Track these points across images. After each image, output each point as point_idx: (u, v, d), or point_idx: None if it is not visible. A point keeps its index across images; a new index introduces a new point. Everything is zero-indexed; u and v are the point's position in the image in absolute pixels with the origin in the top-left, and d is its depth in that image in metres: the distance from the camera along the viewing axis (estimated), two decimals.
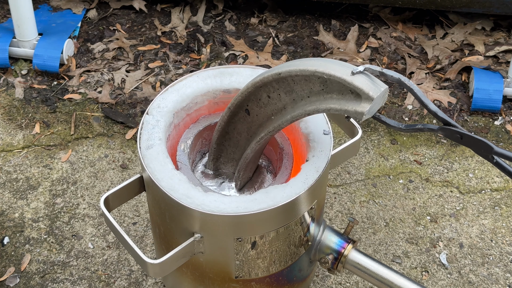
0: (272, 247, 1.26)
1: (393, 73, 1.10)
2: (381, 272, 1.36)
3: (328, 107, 1.12)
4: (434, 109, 1.11)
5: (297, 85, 1.14)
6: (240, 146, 1.29)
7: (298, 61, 1.14)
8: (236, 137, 1.28)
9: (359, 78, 1.08)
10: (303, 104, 1.15)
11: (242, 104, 1.22)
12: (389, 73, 1.10)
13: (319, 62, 1.11)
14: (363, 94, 1.07)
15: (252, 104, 1.21)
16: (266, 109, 1.20)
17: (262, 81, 1.16)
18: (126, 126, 1.94)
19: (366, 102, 1.07)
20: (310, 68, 1.11)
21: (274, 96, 1.18)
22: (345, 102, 1.10)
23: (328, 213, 1.73)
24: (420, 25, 2.23)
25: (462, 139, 1.09)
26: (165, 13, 2.28)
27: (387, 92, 1.10)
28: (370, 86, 1.07)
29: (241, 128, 1.26)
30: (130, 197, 1.32)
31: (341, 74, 1.08)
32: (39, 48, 2.05)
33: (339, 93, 1.11)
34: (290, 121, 1.18)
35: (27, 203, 1.75)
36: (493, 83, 1.95)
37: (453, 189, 1.79)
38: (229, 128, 1.28)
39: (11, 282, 1.60)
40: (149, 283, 1.60)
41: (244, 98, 1.21)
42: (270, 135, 1.22)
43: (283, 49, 2.16)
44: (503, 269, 1.63)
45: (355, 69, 1.08)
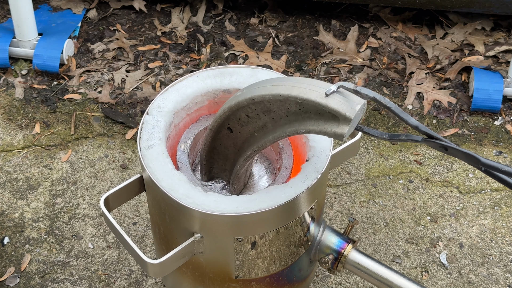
0: (272, 247, 1.26)
1: (367, 91, 1.06)
2: (381, 272, 1.36)
3: (307, 128, 1.10)
4: (415, 124, 1.07)
5: (273, 106, 1.13)
6: (229, 159, 1.29)
7: (271, 83, 1.12)
8: (224, 151, 1.29)
9: (334, 99, 1.05)
10: (283, 124, 1.14)
11: (223, 124, 1.23)
12: (364, 91, 1.06)
13: (291, 84, 1.09)
14: (339, 116, 1.05)
15: (233, 123, 1.21)
16: (248, 127, 1.20)
17: (237, 105, 1.16)
18: (126, 126, 1.94)
19: (344, 124, 1.05)
20: (282, 93, 1.09)
21: (253, 116, 1.17)
22: (323, 123, 1.08)
23: (328, 213, 1.73)
24: (420, 25, 2.23)
25: (447, 150, 1.07)
26: (165, 13, 2.28)
27: (365, 106, 1.07)
28: (346, 106, 1.05)
29: (227, 143, 1.27)
30: (130, 197, 1.32)
31: (315, 97, 1.06)
32: (39, 48, 2.05)
33: (316, 113, 1.09)
34: (272, 141, 1.17)
35: (27, 203, 1.75)
36: (493, 83, 1.95)
37: (453, 189, 1.79)
38: (215, 144, 1.28)
39: (11, 282, 1.60)
40: (149, 283, 1.60)
41: (223, 120, 1.21)
42: (256, 153, 1.22)
43: (283, 49, 2.16)
44: (503, 269, 1.63)
45: (329, 89, 1.06)
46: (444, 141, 1.07)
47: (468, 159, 1.04)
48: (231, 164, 1.30)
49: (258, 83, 1.15)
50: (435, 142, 1.07)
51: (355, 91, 1.07)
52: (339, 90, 1.07)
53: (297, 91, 1.08)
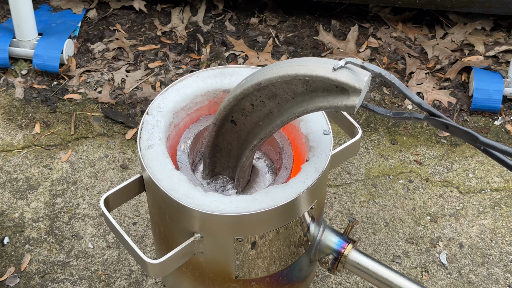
0: (272, 247, 1.26)
1: (373, 67, 1.09)
2: (381, 272, 1.36)
3: (317, 106, 1.11)
4: (418, 101, 1.11)
5: (279, 89, 1.13)
6: (233, 155, 1.29)
7: (276, 66, 1.13)
8: (227, 147, 1.28)
9: (342, 73, 1.07)
10: (290, 106, 1.14)
11: (227, 117, 1.22)
12: (370, 67, 1.09)
13: (297, 64, 1.10)
14: (349, 88, 1.07)
15: (236, 114, 1.21)
16: (252, 117, 1.20)
17: (243, 93, 1.16)
18: (126, 126, 1.94)
19: (355, 95, 1.07)
20: (290, 73, 1.09)
21: (257, 104, 1.17)
22: (333, 98, 1.09)
23: (328, 213, 1.73)
24: (420, 25, 2.23)
25: (448, 128, 1.10)
26: (165, 13, 2.28)
27: (370, 79, 1.10)
28: (355, 78, 1.07)
29: (230, 138, 1.26)
30: (130, 197, 1.32)
31: (323, 73, 1.08)
32: (39, 48, 2.05)
33: (324, 90, 1.10)
34: (281, 126, 1.17)
35: (27, 203, 1.75)
36: (493, 83, 1.95)
37: (453, 189, 1.79)
38: (218, 141, 1.28)
39: (11, 282, 1.60)
40: (149, 283, 1.60)
41: (227, 112, 1.21)
42: (262, 141, 1.21)
43: (283, 49, 2.16)
44: (503, 269, 1.63)
45: (336, 64, 1.08)
46: (445, 119, 1.09)
47: (467, 137, 1.07)
48: (235, 161, 1.30)
49: (261, 69, 1.15)
50: (437, 119, 1.10)
51: (362, 66, 1.09)
52: (346, 66, 1.09)
53: (304, 69, 1.09)
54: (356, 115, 1.96)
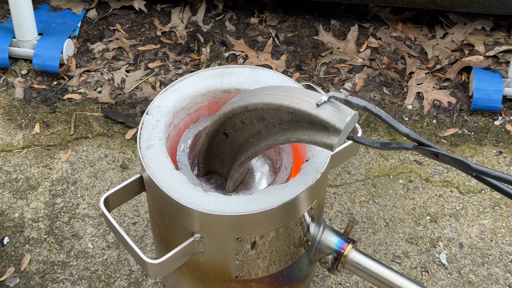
0: (272, 247, 1.26)
1: (358, 101, 1.08)
2: (381, 272, 1.36)
3: (298, 138, 1.12)
4: (405, 132, 1.09)
5: (267, 114, 1.15)
6: (226, 162, 1.31)
7: (264, 91, 1.14)
8: (221, 155, 1.30)
9: (325, 110, 1.07)
10: (276, 131, 1.16)
11: (219, 129, 1.24)
12: (355, 101, 1.08)
13: (283, 94, 1.11)
14: (330, 126, 1.07)
15: (228, 128, 1.23)
16: (243, 133, 1.22)
17: (232, 112, 1.18)
18: (126, 126, 1.94)
19: (334, 135, 1.07)
20: (274, 102, 1.11)
21: (247, 122, 1.19)
22: (315, 132, 1.10)
23: (328, 213, 1.73)
24: (420, 25, 2.23)
25: (438, 157, 1.08)
26: (165, 13, 2.28)
27: (356, 116, 1.09)
28: (336, 117, 1.06)
29: (223, 147, 1.28)
30: (130, 197, 1.32)
31: (306, 108, 1.08)
32: (39, 48, 2.05)
33: (308, 123, 1.11)
34: (266, 148, 1.19)
35: (27, 203, 1.75)
36: (493, 83, 1.95)
37: (453, 189, 1.79)
38: (212, 148, 1.29)
39: (11, 282, 1.60)
40: (149, 283, 1.60)
41: (218, 126, 1.23)
42: (250, 159, 1.23)
43: (283, 49, 2.16)
44: (503, 269, 1.63)
45: (320, 100, 1.07)
46: (434, 148, 1.08)
47: (458, 165, 1.06)
48: (228, 168, 1.31)
49: (252, 91, 1.17)
50: (426, 149, 1.09)
51: (346, 101, 1.09)
52: (331, 100, 1.09)
53: (289, 100, 1.10)
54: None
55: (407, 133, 1.09)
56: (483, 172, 1.04)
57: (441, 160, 1.08)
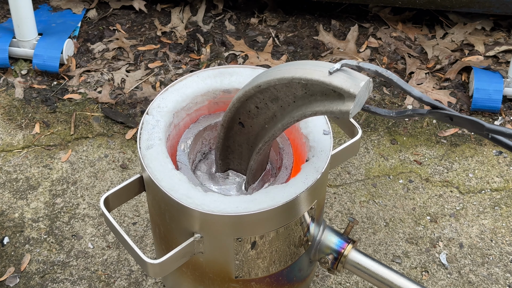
0: (272, 247, 1.26)
1: (369, 66, 1.08)
2: (381, 272, 1.36)
3: (314, 110, 1.11)
4: (418, 95, 1.09)
5: (280, 92, 1.13)
6: (244, 157, 1.29)
7: (275, 69, 1.13)
8: (238, 149, 1.29)
9: (337, 77, 1.06)
10: (290, 110, 1.15)
11: (234, 118, 1.23)
12: (366, 66, 1.08)
13: (295, 67, 1.10)
14: (344, 92, 1.06)
15: (243, 116, 1.22)
16: (258, 119, 1.21)
17: (245, 95, 1.17)
18: (126, 126, 1.94)
19: (349, 100, 1.06)
20: (287, 75, 1.10)
21: (262, 106, 1.18)
22: (329, 102, 1.08)
23: (328, 213, 1.73)
24: (420, 25, 2.23)
25: (453, 120, 1.08)
26: (165, 13, 2.28)
27: (369, 83, 1.08)
28: (350, 83, 1.05)
29: (240, 140, 1.27)
30: (130, 197, 1.32)
31: (319, 76, 1.07)
32: (39, 48, 2.05)
33: (322, 94, 1.09)
34: (282, 129, 1.18)
35: (27, 203, 1.75)
36: (493, 83, 1.95)
37: (453, 189, 1.79)
38: (229, 142, 1.28)
39: (11, 282, 1.60)
40: (149, 283, 1.60)
41: (233, 113, 1.22)
42: (267, 144, 1.22)
43: (283, 49, 2.16)
44: (503, 269, 1.63)
45: (332, 67, 1.06)
46: (449, 111, 1.08)
47: (473, 126, 1.05)
48: (246, 163, 1.30)
49: (263, 72, 1.16)
50: (440, 112, 1.08)
51: (358, 67, 1.08)
52: (343, 68, 1.07)
53: (301, 72, 1.08)
54: (356, 115, 1.96)
55: (420, 96, 1.09)
56: (498, 131, 1.03)
57: (456, 123, 1.07)
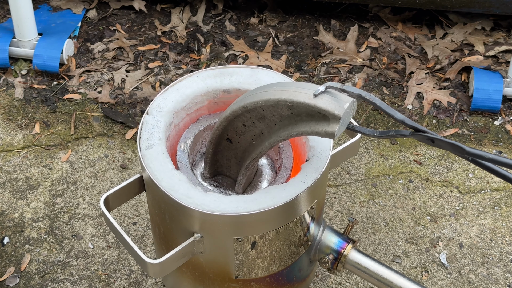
0: (272, 247, 1.26)
1: (353, 89, 1.10)
2: (381, 272, 1.36)
3: (300, 131, 1.13)
4: (401, 118, 1.11)
5: (267, 112, 1.16)
6: (232, 170, 1.31)
7: (261, 90, 1.16)
8: (226, 163, 1.30)
9: (322, 99, 1.08)
10: (277, 129, 1.17)
11: (222, 135, 1.25)
12: (350, 90, 1.10)
13: (280, 88, 1.13)
14: (329, 114, 1.08)
15: (231, 133, 1.24)
16: (246, 136, 1.22)
17: (232, 114, 1.19)
18: (126, 126, 1.94)
19: (334, 122, 1.08)
20: (272, 97, 1.12)
21: (249, 124, 1.20)
22: (315, 123, 1.11)
23: (328, 213, 1.73)
24: (420, 25, 2.23)
25: (434, 142, 1.10)
26: (165, 13, 2.28)
27: (354, 103, 1.10)
28: (334, 105, 1.07)
29: (228, 155, 1.28)
30: (130, 197, 1.32)
31: (304, 99, 1.09)
32: (39, 48, 2.05)
33: (307, 115, 1.11)
34: (269, 147, 1.19)
35: (27, 203, 1.75)
36: (493, 83, 1.95)
37: (453, 189, 1.79)
38: (217, 157, 1.30)
39: (11, 282, 1.60)
40: (149, 283, 1.60)
41: (221, 131, 1.24)
42: (255, 161, 1.24)
43: (283, 49, 2.16)
44: (503, 269, 1.63)
45: (317, 90, 1.09)
46: (430, 134, 1.10)
47: (454, 149, 1.08)
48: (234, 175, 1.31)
49: (249, 92, 1.18)
50: (422, 135, 1.11)
51: (342, 89, 1.10)
52: (328, 90, 1.10)
53: (286, 94, 1.11)
54: (356, 115, 1.96)
55: (402, 119, 1.11)
56: (478, 155, 1.06)
57: (437, 145, 1.10)
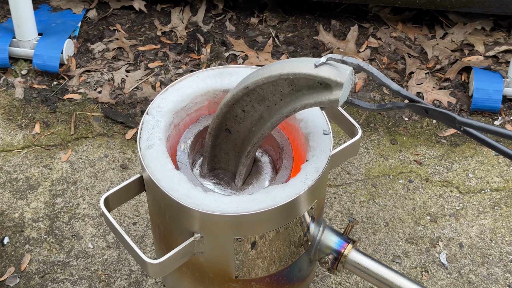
0: (272, 247, 1.26)
1: (352, 60, 1.13)
2: (381, 272, 1.36)
3: (302, 104, 1.14)
4: (396, 88, 1.15)
5: (267, 92, 1.16)
6: (231, 164, 1.31)
7: (261, 69, 1.16)
8: (225, 157, 1.30)
9: (323, 69, 1.11)
10: (278, 108, 1.17)
11: (221, 125, 1.25)
12: (349, 60, 1.13)
13: (281, 64, 1.14)
14: (331, 82, 1.10)
15: (230, 122, 1.24)
16: (245, 123, 1.22)
17: (233, 98, 1.19)
18: (126, 126, 1.94)
19: (337, 89, 1.10)
20: (274, 73, 1.13)
21: (248, 109, 1.20)
22: (317, 94, 1.13)
23: (328, 213, 1.73)
24: (420, 25, 2.23)
25: (428, 113, 1.14)
26: (165, 13, 2.28)
27: (353, 73, 1.14)
28: (336, 73, 1.10)
29: (226, 148, 1.28)
30: (130, 197, 1.32)
31: (306, 70, 1.11)
32: (39, 48, 2.05)
33: (308, 88, 1.13)
34: (271, 128, 1.20)
35: (27, 203, 1.76)
36: (493, 83, 1.95)
37: (453, 189, 1.79)
38: (215, 152, 1.29)
39: (11, 282, 1.60)
40: (149, 283, 1.60)
41: (221, 120, 1.23)
42: (256, 146, 1.24)
43: (283, 49, 2.16)
44: (503, 269, 1.63)
45: (317, 61, 1.12)
46: (424, 104, 1.15)
47: (445, 118, 1.12)
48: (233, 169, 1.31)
49: (249, 74, 1.19)
50: (417, 105, 1.15)
51: (342, 60, 1.13)
52: (328, 62, 1.12)
53: (287, 68, 1.13)
54: (356, 115, 1.96)
55: (397, 89, 1.16)
56: (468, 124, 1.09)
57: (431, 115, 1.14)
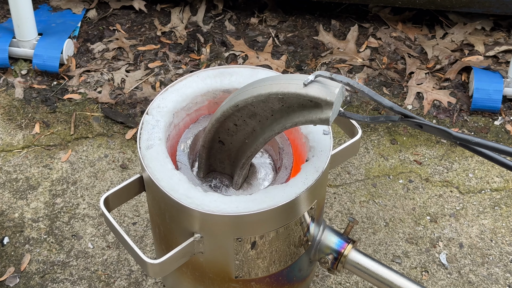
0: (272, 247, 1.26)
1: (342, 78, 1.11)
2: (381, 272, 1.36)
3: (293, 122, 1.14)
4: (389, 105, 1.13)
5: (258, 108, 1.16)
6: (226, 173, 1.31)
7: (251, 86, 1.16)
8: (220, 165, 1.30)
9: (313, 88, 1.10)
10: (270, 124, 1.17)
11: (213, 138, 1.25)
12: (339, 78, 1.11)
13: (270, 82, 1.13)
14: (321, 101, 1.09)
15: (223, 134, 1.24)
16: (238, 136, 1.23)
17: (223, 115, 1.19)
18: (126, 126, 1.94)
19: (327, 108, 1.09)
20: (263, 92, 1.12)
21: (240, 123, 1.20)
22: (308, 112, 1.12)
23: (328, 213, 1.73)
24: (420, 25, 2.23)
25: (422, 128, 1.13)
26: (165, 13, 2.28)
27: (343, 89, 1.12)
28: (325, 92, 1.09)
29: (221, 157, 1.28)
30: (130, 197, 1.32)
31: (295, 89, 1.10)
32: (39, 48, 2.05)
33: (299, 106, 1.12)
34: (264, 143, 1.20)
35: (27, 203, 1.75)
36: (493, 83, 1.95)
37: (453, 189, 1.79)
38: (210, 161, 1.29)
39: (11, 282, 1.60)
40: (149, 283, 1.60)
41: (213, 134, 1.24)
42: (250, 159, 1.24)
43: (283, 49, 2.16)
44: (503, 269, 1.63)
45: (306, 79, 1.10)
46: (418, 119, 1.13)
47: (441, 134, 1.11)
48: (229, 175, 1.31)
49: (238, 91, 1.18)
50: (411, 120, 1.13)
51: (331, 78, 1.12)
52: (317, 79, 1.11)
53: (276, 87, 1.12)
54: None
55: (390, 106, 1.13)
56: (464, 139, 1.09)
57: (425, 130, 1.13)
